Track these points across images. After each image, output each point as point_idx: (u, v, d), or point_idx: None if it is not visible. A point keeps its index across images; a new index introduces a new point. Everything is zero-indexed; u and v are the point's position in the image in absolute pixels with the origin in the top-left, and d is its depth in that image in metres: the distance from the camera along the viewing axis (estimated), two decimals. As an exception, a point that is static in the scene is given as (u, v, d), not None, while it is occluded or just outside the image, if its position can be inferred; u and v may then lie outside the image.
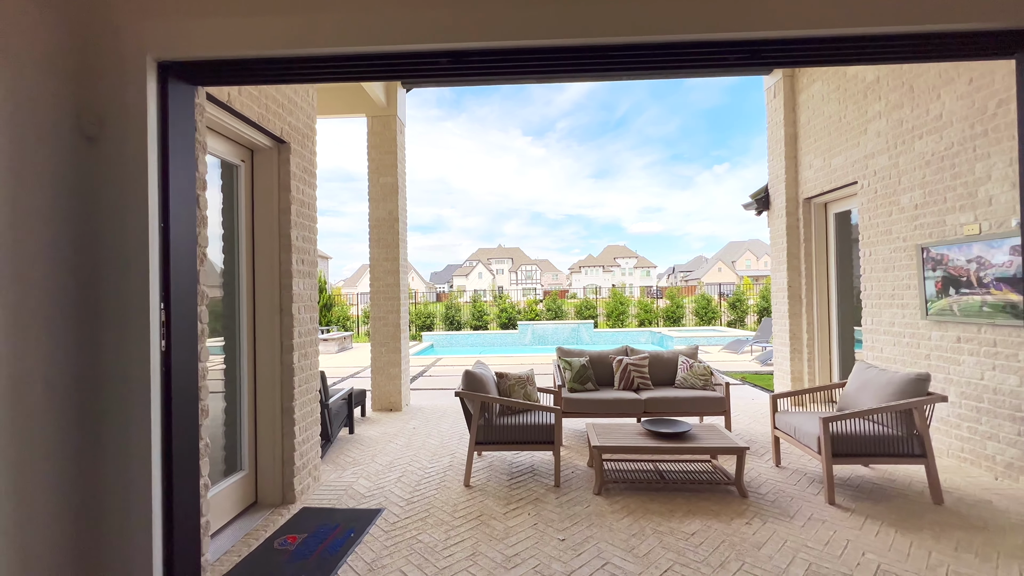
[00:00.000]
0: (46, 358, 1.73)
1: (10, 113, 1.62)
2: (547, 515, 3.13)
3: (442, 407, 6.27)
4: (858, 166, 4.96)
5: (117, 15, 1.88)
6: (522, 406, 3.82)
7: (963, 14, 1.85)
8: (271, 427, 3.30)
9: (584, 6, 1.85)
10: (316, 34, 1.90)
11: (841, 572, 2.44)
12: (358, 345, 15.28)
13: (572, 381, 4.78)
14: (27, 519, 1.65)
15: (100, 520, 1.88)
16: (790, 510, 3.14)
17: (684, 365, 4.97)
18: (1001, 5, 1.83)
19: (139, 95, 1.88)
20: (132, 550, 1.87)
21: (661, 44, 1.91)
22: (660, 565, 2.53)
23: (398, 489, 3.61)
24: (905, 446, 3.23)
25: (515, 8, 1.85)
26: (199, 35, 1.91)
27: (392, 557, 2.66)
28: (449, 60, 1.96)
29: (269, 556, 2.69)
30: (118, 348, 1.87)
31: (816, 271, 5.91)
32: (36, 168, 1.70)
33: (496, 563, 2.58)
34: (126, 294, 1.87)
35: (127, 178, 1.88)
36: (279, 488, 3.32)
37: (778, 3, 1.84)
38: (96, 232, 1.89)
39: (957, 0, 1.83)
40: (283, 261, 3.34)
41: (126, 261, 1.88)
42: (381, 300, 6.17)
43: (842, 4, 1.86)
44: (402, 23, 1.88)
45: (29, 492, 1.67)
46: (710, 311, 18.28)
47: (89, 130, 1.86)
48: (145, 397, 1.87)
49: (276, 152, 3.34)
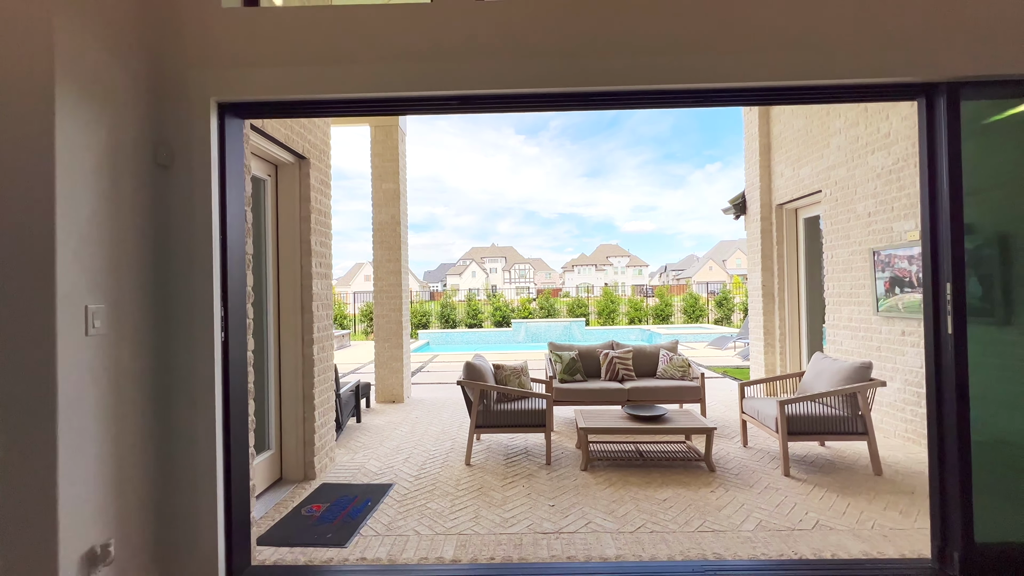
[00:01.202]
0: (133, 352, 2.13)
1: (113, 148, 2.03)
2: (539, 487, 3.58)
3: (441, 399, 6.69)
4: (822, 176, 5.45)
5: (186, 66, 2.28)
6: (517, 393, 4.26)
7: (883, 72, 2.29)
8: (294, 412, 3.71)
9: (572, 63, 2.28)
10: (347, 82, 2.32)
11: (785, 526, 2.91)
12: (356, 343, 15.64)
13: (562, 373, 5.23)
14: (123, 480, 2.05)
15: (175, 480, 2.29)
16: (750, 481, 3.61)
17: (665, 358, 5.43)
18: (909, 65, 2.27)
19: (203, 130, 2.29)
20: (201, 504, 2.28)
21: (636, 92, 2.35)
22: (635, 523, 2.98)
23: (406, 468, 4.03)
24: (850, 425, 3.71)
25: (517, 62, 2.28)
26: (251, 81, 2.32)
27: (405, 520, 3.09)
28: (458, 102, 2.39)
29: (298, 520, 3.11)
30: (189, 342, 2.28)
31: (787, 272, 6.41)
32: (126, 192, 2.11)
33: (495, 523, 3.02)
34: (194, 295, 2.28)
35: (194, 199, 2.28)
36: (301, 466, 3.73)
37: (724, 63, 2.29)
38: (169, 244, 2.29)
39: (880, 62, 2.28)
40: (304, 264, 3.75)
41: (193, 268, 2.28)
42: (384, 299, 6.58)
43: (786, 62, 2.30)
44: (417, 74, 2.30)
45: (124, 459, 2.07)
46: (697, 309, 18.85)
47: (163, 160, 2.27)
48: (210, 381, 2.28)
49: (297, 167, 3.74)
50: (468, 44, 2.31)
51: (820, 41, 2.28)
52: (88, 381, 1.90)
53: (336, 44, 2.32)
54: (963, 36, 2.24)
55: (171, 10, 2.30)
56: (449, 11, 2.32)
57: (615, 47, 2.29)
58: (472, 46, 2.31)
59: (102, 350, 1.97)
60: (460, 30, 2.31)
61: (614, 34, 2.29)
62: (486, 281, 64.46)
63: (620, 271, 71.81)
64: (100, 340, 1.96)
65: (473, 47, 2.31)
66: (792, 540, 2.74)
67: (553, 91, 2.33)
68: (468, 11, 2.32)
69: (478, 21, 2.31)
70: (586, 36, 2.29)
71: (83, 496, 1.86)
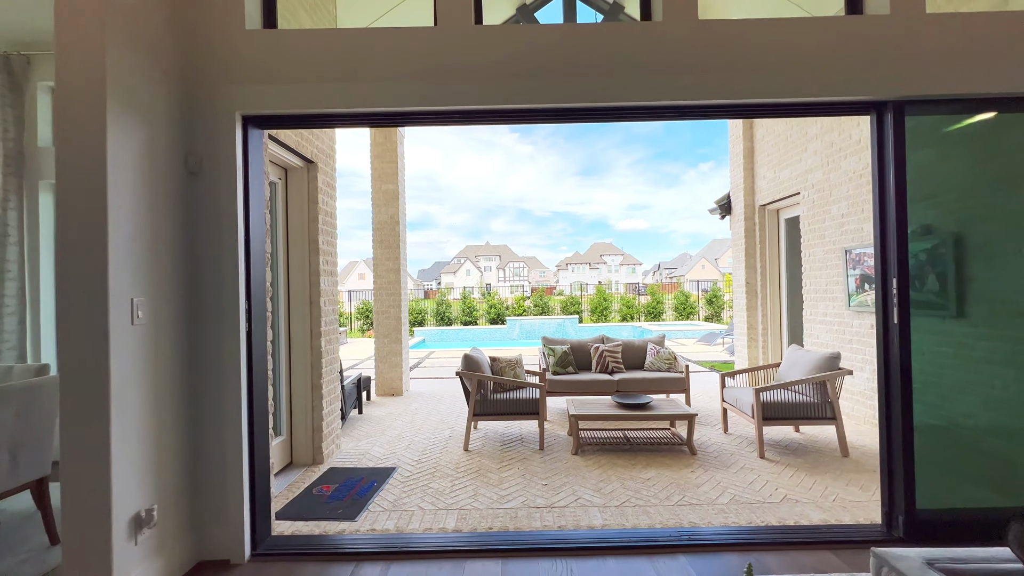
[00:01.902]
0: (169, 341, 2.38)
1: (151, 157, 2.26)
2: (533, 469, 3.85)
3: (439, 392, 6.95)
4: (800, 179, 5.76)
5: (214, 83, 2.52)
6: (513, 384, 4.53)
7: (842, 92, 2.57)
8: (303, 400, 3.96)
9: (564, 82, 2.55)
10: (358, 98, 2.56)
11: (756, 499, 3.21)
12: (352, 340, 15.84)
13: (555, 365, 5.51)
14: (162, 454, 2.29)
15: (206, 456, 2.53)
16: (728, 462, 3.90)
17: (652, 351, 5.73)
18: (863, 86, 2.55)
19: (229, 140, 2.53)
20: (229, 478, 2.52)
21: (623, 108, 2.62)
22: (620, 499, 3.26)
23: (408, 454, 4.29)
24: (820, 411, 4.02)
25: (514, 81, 2.54)
26: (271, 96, 2.56)
27: (410, 497, 3.36)
28: (460, 116, 2.65)
29: (311, 499, 3.36)
30: (218, 332, 2.52)
31: (770, 270, 6.73)
32: (161, 196, 2.35)
33: (493, 500, 3.29)
34: (223, 290, 2.52)
35: (221, 202, 2.52)
36: (310, 451, 3.98)
37: (708, 82, 2.56)
38: (198, 243, 2.54)
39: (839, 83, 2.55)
40: (312, 262, 3.99)
41: (222, 265, 2.52)
42: (384, 296, 6.83)
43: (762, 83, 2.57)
44: (422, 91, 2.55)
45: (162, 436, 2.31)
46: (688, 307, 19.22)
47: (193, 167, 2.51)
48: (237, 368, 2.53)
49: (306, 171, 3.98)
50: (468, 64, 2.57)
51: (790, 65, 2.56)
52: (133, 366, 2.14)
53: (348, 63, 2.57)
54: (907, 63, 2.53)
55: (201, 31, 2.53)
56: (451, 34, 2.57)
57: (603, 68, 2.56)
58: (472, 66, 2.56)
59: (144, 338, 2.21)
60: (461, 51, 2.57)
61: (603, 57, 2.56)
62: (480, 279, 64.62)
63: (614, 269, 72.24)
64: (143, 329, 2.20)
65: (473, 67, 2.56)
66: (761, 511, 3.04)
67: (546, 107, 2.59)
68: (468, 35, 2.57)
69: (478, 44, 2.57)
70: (576, 58, 2.56)
71: (131, 466, 2.11)
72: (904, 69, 2.53)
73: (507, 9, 6.85)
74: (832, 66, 2.56)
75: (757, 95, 2.58)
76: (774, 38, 2.57)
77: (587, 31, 2.58)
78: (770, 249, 6.73)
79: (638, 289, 25.81)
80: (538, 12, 7.09)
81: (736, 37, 2.57)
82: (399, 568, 2.47)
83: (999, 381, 3.14)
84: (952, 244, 3.29)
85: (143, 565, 2.16)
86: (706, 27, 2.57)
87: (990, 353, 3.14)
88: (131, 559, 2.09)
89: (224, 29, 2.54)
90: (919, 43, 2.54)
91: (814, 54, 2.56)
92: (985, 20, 2.55)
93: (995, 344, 3.09)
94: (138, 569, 2.13)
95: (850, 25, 2.59)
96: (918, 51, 2.54)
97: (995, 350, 3.07)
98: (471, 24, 2.57)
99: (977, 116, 2.80)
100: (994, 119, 2.81)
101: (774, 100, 2.61)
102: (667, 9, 2.57)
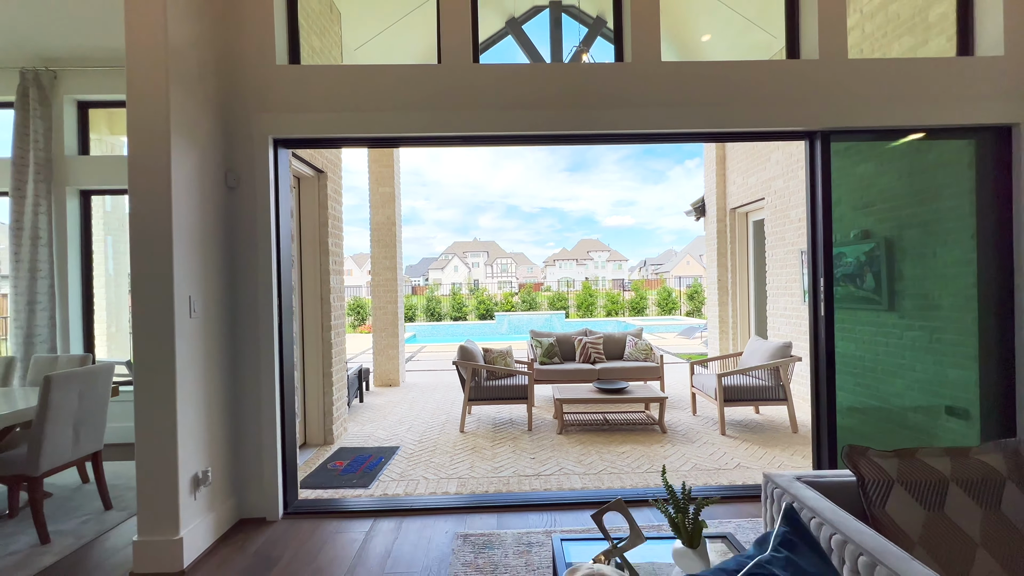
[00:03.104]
0: (216, 331, 2.80)
1: (199, 177, 2.68)
2: (522, 446, 4.35)
3: (433, 383, 7.41)
4: (765, 185, 6.33)
5: (250, 111, 2.94)
6: (504, 372, 5.02)
7: (783, 123, 3.09)
8: (315, 387, 4.39)
9: (550, 112, 3.02)
10: (371, 125, 3.00)
11: (713, 467, 3.75)
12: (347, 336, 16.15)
13: (542, 356, 6.01)
14: (212, 426, 2.70)
15: (246, 429, 2.97)
16: (694, 439, 4.45)
17: (631, 343, 6.26)
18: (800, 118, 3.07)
19: (263, 160, 2.95)
20: (264, 449, 2.96)
21: (601, 135, 3.10)
22: (597, 468, 3.78)
23: (409, 435, 4.75)
24: (774, 393, 4.58)
25: (507, 111, 3.01)
26: (297, 123, 2.98)
27: (414, 470, 3.83)
28: (459, 140, 3.10)
29: (326, 473, 3.81)
30: (255, 325, 2.95)
31: (739, 268, 7.31)
32: (208, 208, 2.77)
33: (488, 471, 3.78)
34: (258, 288, 2.95)
35: (256, 213, 2.95)
36: (321, 432, 4.42)
37: (674, 115, 3.05)
38: (236, 248, 2.96)
39: (780, 116, 3.07)
40: (322, 262, 4.42)
41: (257, 267, 2.95)
42: (381, 292, 7.25)
43: (718, 115, 3.07)
44: (427, 119, 3.00)
45: (212, 411, 2.74)
46: (671, 302, 19.92)
47: (231, 183, 2.93)
48: (271, 355, 2.96)
49: (316, 179, 4.40)
50: (467, 96, 3.02)
51: (739, 100, 3.06)
52: (191, 353, 2.57)
53: (362, 94, 3.01)
54: (832, 100, 3.06)
55: (239, 67, 2.95)
56: (453, 71, 3.03)
57: (582, 101, 3.03)
58: (470, 98, 3.02)
59: (198, 329, 2.64)
60: (462, 86, 3.02)
61: (581, 92, 3.04)
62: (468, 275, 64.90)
63: (600, 265, 73.12)
64: (197, 322, 2.63)
65: (471, 99, 3.02)
66: (716, 475, 3.58)
67: (534, 134, 3.06)
68: (467, 71, 3.03)
69: (476, 79, 3.02)
70: (559, 92, 3.03)
71: (190, 434, 2.54)
72: (830, 104, 3.06)
73: (497, 22, 7.28)
74: (773, 101, 3.08)
75: (712, 125, 3.09)
76: (726, 77, 3.08)
77: (568, 70, 3.06)
78: (739, 249, 7.31)
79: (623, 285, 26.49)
80: (526, 25, 7.54)
81: (694, 76, 3.07)
82: (410, 522, 2.95)
83: (920, 364, 3.74)
84: (884, 247, 3.89)
85: (199, 518, 2.60)
86: (668, 68, 3.06)
87: (913, 341, 3.74)
88: (191, 511, 2.53)
89: (258, 65, 2.96)
90: (842, 83, 3.07)
91: (758, 91, 3.07)
92: (896, 65, 3.09)
93: (917, 333, 3.68)
94: (196, 520, 2.57)
95: (788, 67, 3.11)
96: (841, 90, 3.07)
97: (917, 338, 3.66)
98: (470, 63, 3.03)
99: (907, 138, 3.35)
100: (916, 142, 3.36)
101: (726, 130, 3.12)
102: (635, 52, 3.06)
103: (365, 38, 5.69)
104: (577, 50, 5.75)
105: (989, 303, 3.28)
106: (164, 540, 2.41)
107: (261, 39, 2.97)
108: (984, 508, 1.41)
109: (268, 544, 2.69)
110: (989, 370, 3.28)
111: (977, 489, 1.43)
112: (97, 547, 2.70)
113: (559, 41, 6.78)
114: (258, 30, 2.96)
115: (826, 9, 3.06)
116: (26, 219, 4.29)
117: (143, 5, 2.41)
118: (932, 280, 3.73)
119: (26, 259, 4.27)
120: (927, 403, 3.79)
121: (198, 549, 2.56)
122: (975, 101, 3.08)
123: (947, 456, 1.51)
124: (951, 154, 3.50)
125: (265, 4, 2.97)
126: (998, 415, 3.21)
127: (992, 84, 3.08)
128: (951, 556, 1.36)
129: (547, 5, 7.47)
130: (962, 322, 3.55)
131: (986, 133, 3.17)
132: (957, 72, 3.09)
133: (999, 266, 3.18)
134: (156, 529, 2.42)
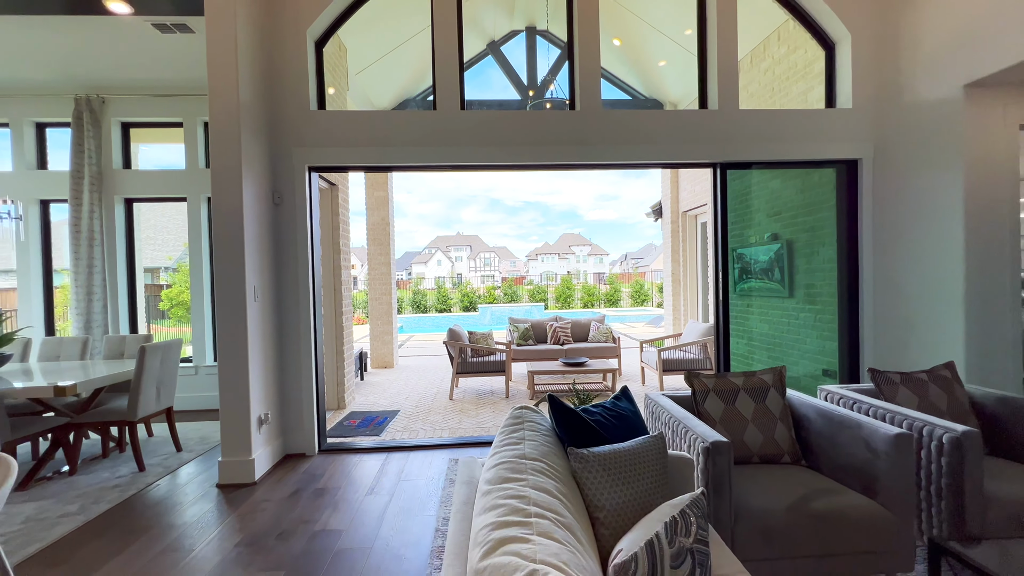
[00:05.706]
0: (270, 312, 3.74)
1: (256, 196, 3.61)
2: (501, 408, 5.38)
3: (424, 366, 8.38)
4: (707, 193, 7.44)
5: (290, 145, 3.86)
6: (486, 350, 6.03)
7: (695, 157, 4.15)
8: (331, 361, 5.34)
9: (516, 149, 4.01)
10: (382, 156, 3.96)
11: (647, 418, 4.85)
12: (334, 327, 16.94)
13: (519, 339, 7.04)
14: (267, 383, 3.64)
15: (289, 386, 3.92)
16: (639, 401, 5.53)
17: (595, 328, 7.34)
18: (707, 153, 4.14)
19: (301, 183, 3.89)
20: (304, 403, 3.92)
21: (568, 164, 4.11)
22: (559, 420, 4.83)
23: (407, 403, 5.74)
24: (702, 364, 5.71)
25: (491, 147, 4.00)
26: (325, 155, 3.92)
27: (414, 425, 4.82)
28: (451, 168, 4.08)
29: (343, 428, 4.77)
30: (297, 309, 3.90)
31: (689, 264, 8.45)
32: (262, 221, 3.69)
33: (473, 425, 4.80)
34: (299, 280, 3.89)
35: (296, 224, 3.89)
36: (336, 398, 5.37)
37: (619, 151, 4.08)
38: (281, 251, 3.89)
39: (693, 151, 4.12)
40: (335, 259, 5.35)
41: (298, 265, 3.89)
42: (377, 284, 8.17)
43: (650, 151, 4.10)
44: (426, 152, 3.97)
45: (267, 372, 3.68)
46: (643, 294, 21.19)
47: (276, 201, 3.85)
48: (309, 332, 3.92)
49: (330, 191, 5.32)
50: (454, 135, 4.00)
51: (662, 140, 4.10)
52: (255, 327, 3.51)
53: (377, 133, 3.96)
54: (728, 140, 4.13)
55: (282, 112, 3.87)
56: (446, 117, 4.00)
57: (542, 139, 4.04)
58: (457, 137, 4.00)
59: (259, 310, 3.58)
60: (450, 128, 3.99)
61: (541, 132, 4.04)
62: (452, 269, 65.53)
63: (582, 259, 74.50)
64: (258, 305, 3.57)
65: (457, 137, 4.00)
66: (648, 423, 4.67)
67: (515, 163, 4.05)
68: (456, 117, 4.00)
69: (464, 122, 4.00)
70: (524, 132, 4.03)
71: (256, 386, 3.49)
72: (726, 143, 4.14)
73: (478, 44, 8.21)
74: (687, 140, 4.13)
75: (642, 158, 4.13)
76: (652, 122, 4.12)
77: (532, 116, 4.06)
78: (689, 247, 8.45)
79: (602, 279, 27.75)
80: (504, 47, 8.49)
81: (628, 121, 4.10)
82: (415, 455, 3.95)
83: (808, 339, 4.90)
84: (787, 247, 5.06)
85: (262, 448, 3.56)
86: (607, 114, 4.09)
87: (805, 321, 4.90)
88: (257, 441, 3.49)
89: (296, 110, 3.88)
90: (736, 127, 4.14)
91: (677, 133, 4.12)
92: (775, 114, 4.17)
93: (807, 315, 4.83)
94: (260, 449, 3.53)
95: (697, 115, 4.16)
96: (735, 132, 4.14)
97: (807, 319, 4.81)
98: (458, 110, 4.00)
99: (780, 168, 4.46)
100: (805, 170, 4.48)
101: (653, 161, 4.17)
102: (583, 103, 4.07)
103: (365, 63, 6.57)
104: (545, 80, 6.72)
105: (844, 291, 4.41)
106: (241, 460, 3.37)
107: (296, 89, 3.89)
108: (755, 402, 2.49)
109: (312, 468, 3.67)
110: (843, 341, 4.43)
111: (754, 392, 2.51)
112: (182, 473, 3.64)
113: (534, 63, 7.75)
114: (294, 83, 3.88)
115: (724, 72, 4.12)
116: (83, 223, 5.11)
117: (222, 74, 3.32)
118: (816, 273, 4.89)
119: (84, 257, 5.10)
120: (812, 368, 4.96)
121: (262, 469, 3.53)
122: (833, 142, 4.19)
123: (743, 376, 2.58)
124: (825, 177, 4.63)
125: (300, 61, 3.89)
126: (848, 372, 4.36)
127: (845, 129, 4.19)
128: (734, 427, 2.43)
129: (523, 30, 8.44)
130: (833, 305, 4.70)
131: (842, 165, 4.29)
132: (821, 119, 4.20)
133: (850, 264, 4.31)
134: (235, 452, 3.37)
